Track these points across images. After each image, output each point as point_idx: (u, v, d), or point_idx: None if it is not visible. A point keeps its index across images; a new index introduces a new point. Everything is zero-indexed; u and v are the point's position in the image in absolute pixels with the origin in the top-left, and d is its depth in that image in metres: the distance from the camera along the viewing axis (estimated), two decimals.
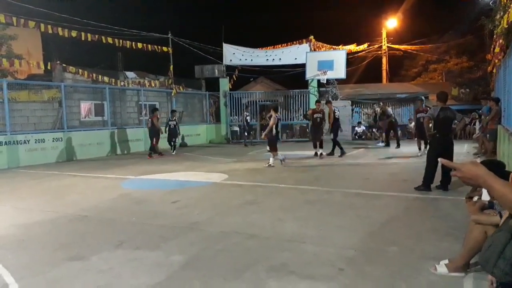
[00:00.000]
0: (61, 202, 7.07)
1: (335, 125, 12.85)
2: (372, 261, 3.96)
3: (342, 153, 12.70)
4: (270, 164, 10.64)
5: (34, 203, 7.01)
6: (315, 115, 12.69)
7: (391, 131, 15.79)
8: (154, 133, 13.71)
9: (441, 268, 3.62)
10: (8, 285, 3.59)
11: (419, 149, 12.70)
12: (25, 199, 7.43)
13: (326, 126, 13.17)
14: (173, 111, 15.29)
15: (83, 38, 14.98)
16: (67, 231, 5.32)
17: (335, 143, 12.81)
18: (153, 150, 13.74)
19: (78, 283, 3.62)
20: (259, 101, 20.61)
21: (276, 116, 10.78)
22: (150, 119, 13.88)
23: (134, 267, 3.96)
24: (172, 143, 14.73)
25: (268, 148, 11.05)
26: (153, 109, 14.23)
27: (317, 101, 13.39)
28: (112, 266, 3.98)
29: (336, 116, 12.97)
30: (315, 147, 12.77)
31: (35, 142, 12.39)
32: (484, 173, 1.40)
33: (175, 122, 14.74)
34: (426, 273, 3.61)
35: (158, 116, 14.02)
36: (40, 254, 4.41)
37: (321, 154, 12.53)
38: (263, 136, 11.27)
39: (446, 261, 3.68)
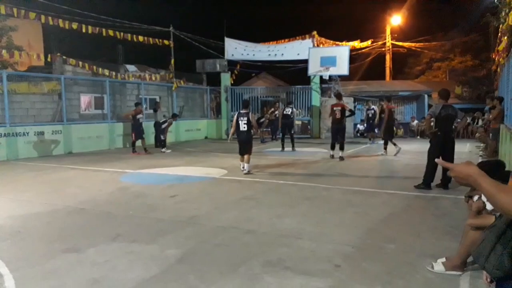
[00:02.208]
0: (59, 194, 7.05)
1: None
2: (369, 258, 3.93)
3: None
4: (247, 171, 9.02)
5: (32, 195, 6.99)
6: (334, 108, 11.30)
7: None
8: (134, 128, 13.29)
9: (438, 266, 3.59)
10: (3, 275, 3.57)
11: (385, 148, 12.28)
12: (23, 191, 7.41)
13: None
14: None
15: (83, 30, 14.88)
16: (65, 223, 5.30)
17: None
18: (134, 146, 13.29)
19: (74, 275, 3.60)
20: (260, 97, 20.53)
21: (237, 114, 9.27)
22: (132, 114, 13.39)
23: (129, 260, 3.94)
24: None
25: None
26: (136, 103, 13.98)
27: (337, 94, 12.01)
28: (108, 259, 3.96)
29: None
30: (333, 148, 11.39)
31: (34, 135, 12.35)
32: (474, 173, 1.41)
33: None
34: (423, 271, 3.58)
35: (139, 110, 13.50)
36: (36, 246, 4.39)
37: (341, 157, 11.04)
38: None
39: (444, 259, 3.65)
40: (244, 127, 8.99)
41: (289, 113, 14.10)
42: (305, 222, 5.20)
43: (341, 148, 11.16)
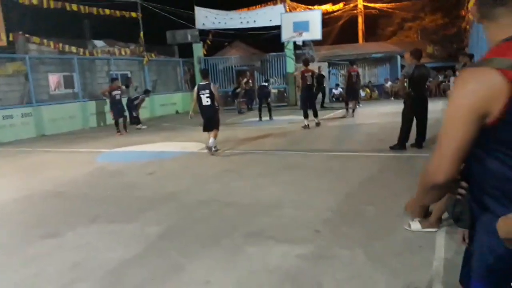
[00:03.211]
0: (34, 179, 6.87)
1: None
2: (348, 221, 4.01)
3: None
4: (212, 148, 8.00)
5: (6, 182, 6.80)
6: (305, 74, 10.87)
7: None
8: (111, 106, 12.61)
9: (415, 224, 3.69)
10: None
11: (347, 110, 13.37)
12: None
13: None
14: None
15: (45, 6, 14.13)
16: (42, 208, 5.20)
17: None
18: (117, 126, 12.34)
19: (54, 260, 3.55)
20: (235, 66, 20.23)
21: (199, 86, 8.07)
22: (107, 91, 12.71)
23: (110, 240, 3.91)
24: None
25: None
26: (112, 79, 13.32)
27: (305, 60, 11.43)
28: (88, 241, 3.92)
29: None
30: (306, 116, 10.87)
31: (3, 119, 11.88)
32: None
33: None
34: (402, 231, 3.68)
35: (116, 86, 12.58)
36: (14, 233, 4.31)
37: (318, 123, 10.99)
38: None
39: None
40: (207, 101, 7.87)
41: (266, 84, 14.33)
42: (285, 190, 5.24)
43: (316, 115, 11.01)
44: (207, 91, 7.85)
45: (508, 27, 1.26)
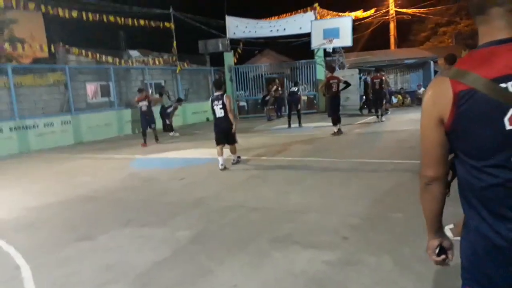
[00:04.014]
0: (71, 184, 7.18)
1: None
2: (376, 228, 3.97)
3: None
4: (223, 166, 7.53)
5: (45, 186, 7.13)
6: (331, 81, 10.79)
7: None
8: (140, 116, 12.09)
9: (446, 232, 3.60)
10: (20, 267, 3.69)
11: (377, 116, 13.38)
12: (36, 182, 7.56)
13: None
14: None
15: (84, 18, 14.83)
16: (77, 212, 5.42)
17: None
18: (143, 136, 11.66)
19: (87, 262, 3.70)
20: (265, 74, 20.36)
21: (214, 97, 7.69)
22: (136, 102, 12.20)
23: (141, 244, 4.04)
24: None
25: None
26: (138, 89, 12.59)
27: (330, 67, 11.60)
28: (120, 244, 4.06)
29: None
30: (335, 123, 10.81)
31: (44, 126, 12.50)
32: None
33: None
34: None
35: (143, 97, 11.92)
36: (50, 236, 4.52)
37: (339, 130, 10.80)
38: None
39: (451, 226, 3.67)
40: (221, 113, 7.53)
41: (295, 90, 14.10)
42: (312, 196, 5.25)
43: (339, 121, 10.84)
44: (220, 101, 7.52)
45: (485, 34, 1.29)
